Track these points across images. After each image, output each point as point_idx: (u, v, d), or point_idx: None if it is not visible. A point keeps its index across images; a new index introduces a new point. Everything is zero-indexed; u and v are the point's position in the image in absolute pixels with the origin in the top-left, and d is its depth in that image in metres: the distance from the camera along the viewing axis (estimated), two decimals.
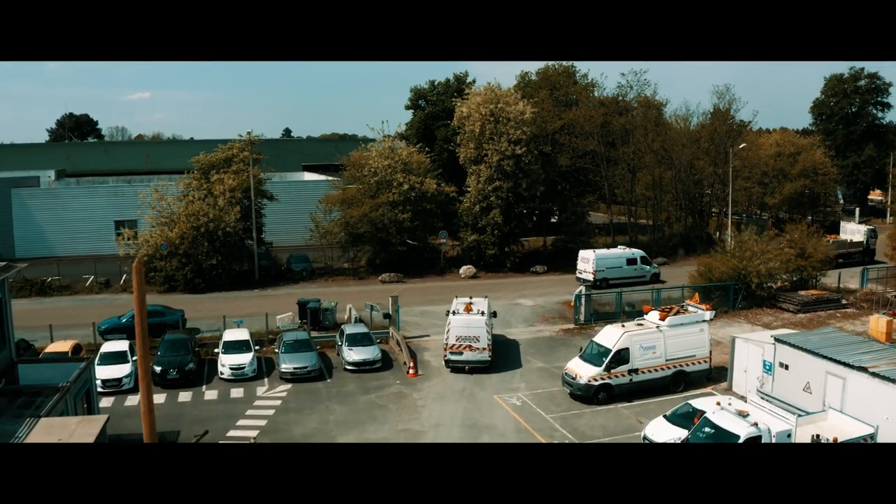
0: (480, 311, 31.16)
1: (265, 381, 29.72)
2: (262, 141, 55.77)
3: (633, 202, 65.27)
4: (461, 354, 30.32)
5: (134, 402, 26.45)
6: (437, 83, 67.36)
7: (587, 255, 47.02)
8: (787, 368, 24.58)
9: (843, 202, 78.82)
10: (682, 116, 65.93)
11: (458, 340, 30.26)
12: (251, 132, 51.32)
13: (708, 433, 20.00)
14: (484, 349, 30.26)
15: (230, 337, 31.42)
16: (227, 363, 29.73)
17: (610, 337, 27.62)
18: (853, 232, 55.99)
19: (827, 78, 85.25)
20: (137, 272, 13.60)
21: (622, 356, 27.01)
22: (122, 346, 29.91)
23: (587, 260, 46.74)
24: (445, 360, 30.74)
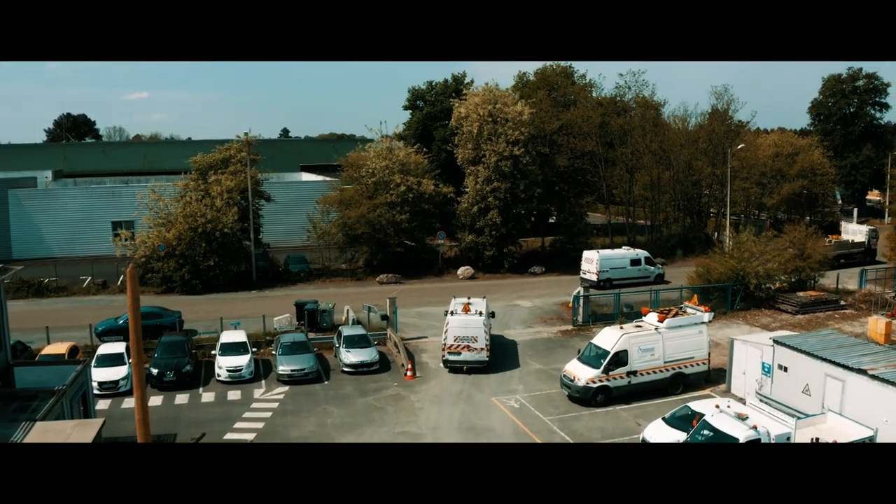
0: (478, 311, 31.12)
1: (262, 383, 29.63)
2: (259, 141, 55.61)
3: (631, 203, 65.26)
4: (459, 355, 30.27)
5: (131, 404, 26.05)
6: (435, 84, 67.39)
7: (591, 255, 46.94)
8: (786, 371, 24.52)
9: (841, 203, 78.82)
10: (680, 117, 65.99)
11: (456, 341, 30.21)
12: (249, 132, 51.23)
13: (706, 436, 19.92)
14: (482, 349, 30.21)
15: (227, 339, 31.30)
16: (224, 365, 29.63)
17: (608, 339, 27.56)
18: (854, 232, 56.05)
19: (825, 78, 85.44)
20: (131, 278, 13.47)
21: (620, 358, 26.94)
22: (118, 348, 29.83)
23: (591, 260, 46.65)
24: (443, 360, 30.69)
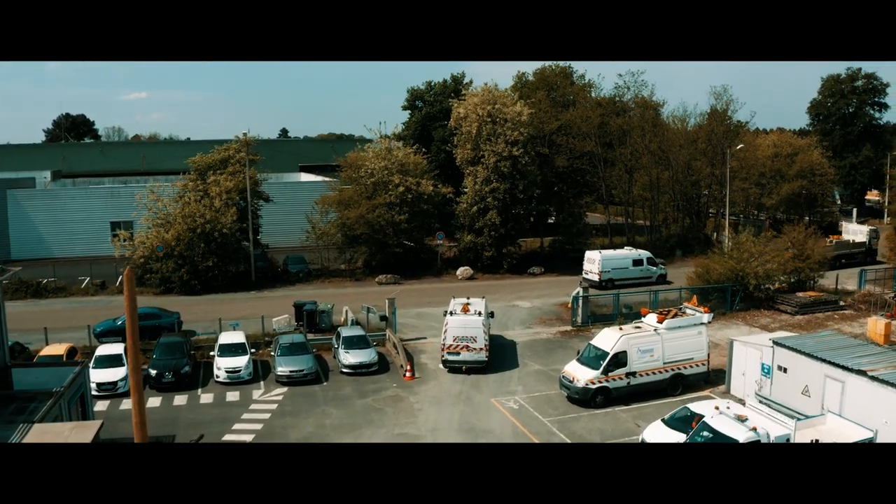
0: (477, 311, 31.10)
1: (261, 384, 29.58)
2: (258, 141, 55.58)
3: (630, 203, 65.24)
4: (458, 355, 30.25)
5: (129, 405, 26.20)
6: (434, 84, 67.31)
7: (593, 255, 46.90)
8: (785, 372, 24.49)
9: (840, 203, 78.82)
10: (679, 117, 65.89)
11: (455, 341, 30.20)
12: (248, 133, 51.20)
13: (706, 437, 19.90)
14: (481, 349, 30.19)
15: (226, 340, 31.25)
16: (223, 366, 29.58)
17: (607, 340, 27.53)
18: (855, 232, 56.07)
19: (824, 78, 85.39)
20: (128, 280, 13.41)
21: (620, 359, 26.91)
22: (117, 349, 29.71)
23: (593, 261, 46.61)
24: (443, 360, 30.67)
